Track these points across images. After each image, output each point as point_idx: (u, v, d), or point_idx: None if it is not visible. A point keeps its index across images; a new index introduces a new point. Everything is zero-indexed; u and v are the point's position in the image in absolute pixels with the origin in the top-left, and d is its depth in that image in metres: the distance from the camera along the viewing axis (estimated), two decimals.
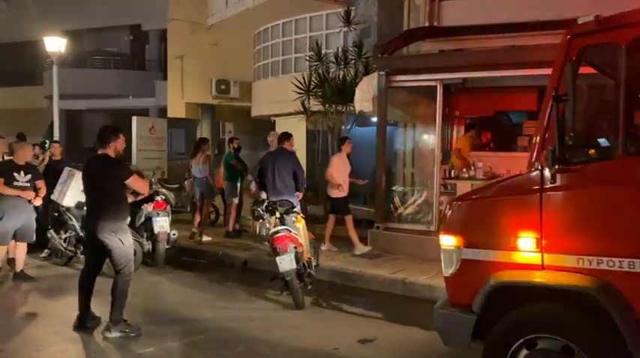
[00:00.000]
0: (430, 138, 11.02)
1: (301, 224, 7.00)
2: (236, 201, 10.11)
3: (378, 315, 6.19)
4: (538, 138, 3.48)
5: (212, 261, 8.89)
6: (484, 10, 9.32)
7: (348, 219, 8.77)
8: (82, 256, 8.24)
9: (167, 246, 8.36)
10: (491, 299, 3.56)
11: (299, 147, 10.07)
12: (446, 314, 3.81)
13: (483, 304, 3.57)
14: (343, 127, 10.98)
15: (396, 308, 6.48)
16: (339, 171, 8.83)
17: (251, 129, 16.19)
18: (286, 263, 6.16)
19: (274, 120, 15.50)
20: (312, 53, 11.37)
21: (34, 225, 7.45)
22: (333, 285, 7.44)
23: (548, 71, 7.83)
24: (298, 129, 11.67)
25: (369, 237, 8.99)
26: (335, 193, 8.86)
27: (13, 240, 7.31)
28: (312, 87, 10.65)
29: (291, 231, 6.43)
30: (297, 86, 10.71)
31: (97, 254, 5.46)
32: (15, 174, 7.09)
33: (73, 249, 8.33)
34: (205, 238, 9.77)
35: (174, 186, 9.83)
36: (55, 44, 14.00)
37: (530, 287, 3.47)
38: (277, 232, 6.37)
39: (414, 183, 10.52)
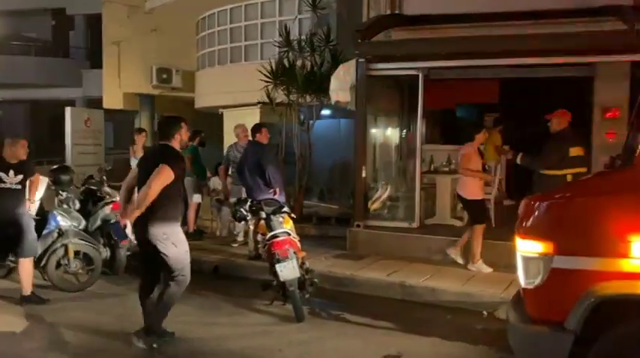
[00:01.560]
0: (400, 132, 10.66)
1: (289, 225, 6.26)
2: (199, 199, 9.20)
3: (389, 325, 5.59)
4: None
5: None
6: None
7: (479, 228, 7.04)
8: None
9: (128, 253, 7.38)
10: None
11: None
12: (534, 333, 3.26)
13: (584, 321, 3.05)
14: (311, 121, 10.28)
15: (405, 316, 5.90)
16: (476, 165, 7.17)
17: (195, 122, 15.09)
18: (288, 271, 5.43)
19: (222, 112, 14.51)
20: (277, 39, 10.57)
21: (33, 235, 6.27)
22: (322, 291, 6.70)
23: (549, 60, 7.57)
24: (250, 122, 10.83)
25: (348, 237, 8.38)
26: (469, 193, 7.11)
27: None
28: (279, 75, 9.85)
29: (290, 235, 5.70)
30: (265, 74, 9.87)
31: (150, 261, 4.79)
32: (1, 174, 5.99)
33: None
34: None
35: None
36: None
37: None
38: (276, 236, 5.62)
39: (385, 178, 10.04)
